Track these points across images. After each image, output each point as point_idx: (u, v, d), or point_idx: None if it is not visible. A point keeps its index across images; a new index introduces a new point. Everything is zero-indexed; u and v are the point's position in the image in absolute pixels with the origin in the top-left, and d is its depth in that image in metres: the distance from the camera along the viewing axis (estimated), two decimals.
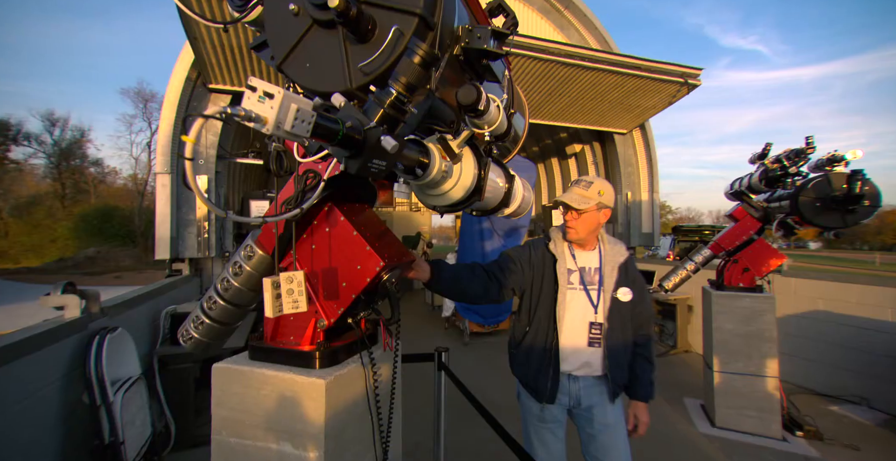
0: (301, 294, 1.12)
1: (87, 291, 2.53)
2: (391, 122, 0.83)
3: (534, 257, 1.81)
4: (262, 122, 0.68)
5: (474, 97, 0.91)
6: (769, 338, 2.96)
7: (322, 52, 0.86)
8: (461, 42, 0.96)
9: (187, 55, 4.38)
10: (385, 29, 0.80)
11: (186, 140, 0.68)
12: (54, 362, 2.11)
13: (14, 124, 24.46)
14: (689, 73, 5.02)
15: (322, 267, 1.29)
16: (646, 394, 1.77)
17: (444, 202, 1.14)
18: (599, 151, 7.10)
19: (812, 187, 2.46)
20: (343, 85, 0.84)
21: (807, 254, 23.84)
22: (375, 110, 0.81)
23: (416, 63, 0.80)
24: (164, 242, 4.28)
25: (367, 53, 0.82)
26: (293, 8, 0.85)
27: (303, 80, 0.90)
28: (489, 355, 5.44)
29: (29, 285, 13.98)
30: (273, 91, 0.67)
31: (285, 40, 0.89)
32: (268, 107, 0.67)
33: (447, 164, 1.06)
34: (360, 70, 0.82)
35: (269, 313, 1.07)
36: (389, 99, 0.80)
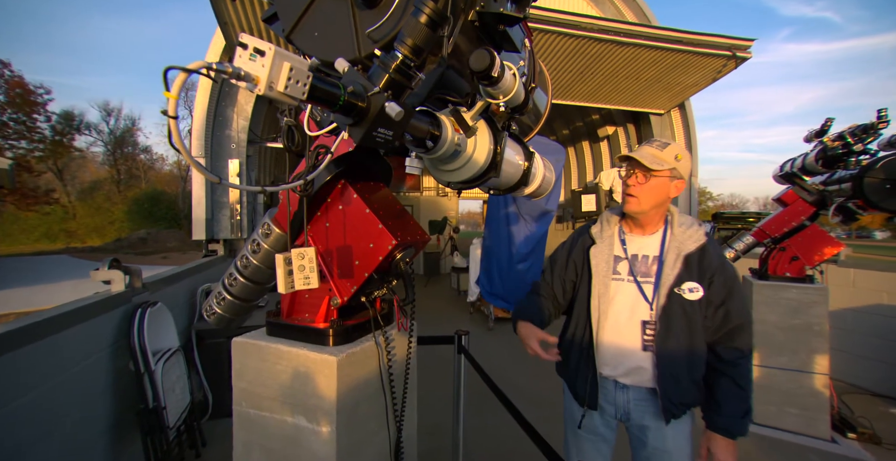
0: (312, 270, 1.11)
1: (131, 267, 2.69)
2: (397, 87, 0.78)
3: (574, 245, 1.60)
4: (254, 82, 0.64)
5: (487, 62, 0.83)
6: (819, 333, 2.73)
7: (330, 20, 0.83)
8: (476, 6, 0.89)
9: (219, 41, 4.47)
10: None
11: (168, 96, 0.62)
12: (104, 330, 2.29)
13: (77, 115, 26.27)
14: (739, 46, 4.60)
15: (336, 245, 1.28)
16: (728, 427, 1.31)
17: (458, 178, 1.09)
18: (634, 133, 6.74)
19: (882, 167, 2.18)
20: (352, 53, 0.81)
21: (871, 244, 21.88)
22: (380, 75, 0.77)
23: (422, 22, 0.75)
24: (199, 224, 4.49)
25: (377, 19, 0.78)
26: None
27: (312, 50, 0.88)
28: (513, 341, 5.34)
29: (92, 262, 15.21)
30: (264, 47, 0.63)
31: (294, 9, 0.87)
32: (259, 65, 0.63)
33: (460, 137, 1.01)
34: (369, 36, 0.78)
35: (282, 289, 1.07)
36: (395, 63, 0.76)
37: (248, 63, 0.63)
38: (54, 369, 1.85)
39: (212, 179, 0.70)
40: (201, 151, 4.53)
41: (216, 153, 4.72)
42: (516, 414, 1.53)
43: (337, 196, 1.30)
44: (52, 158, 24.16)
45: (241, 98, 4.90)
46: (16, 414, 1.60)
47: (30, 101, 21.61)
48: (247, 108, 4.92)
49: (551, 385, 3.93)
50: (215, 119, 4.75)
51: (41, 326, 1.80)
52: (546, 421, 3.18)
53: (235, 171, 4.75)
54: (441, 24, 0.76)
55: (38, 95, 22.06)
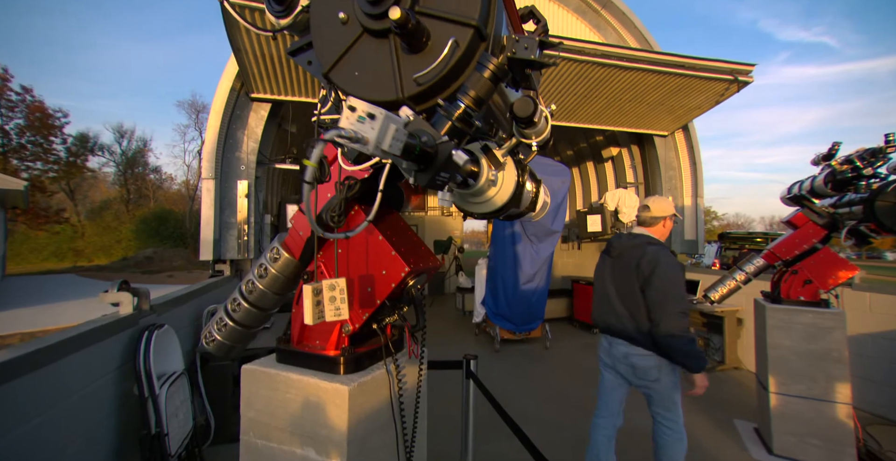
0: (343, 301, 1.12)
1: (139, 289, 2.70)
2: (458, 134, 0.84)
3: None
4: (364, 142, 0.70)
5: (531, 110, 0.91)
6: (838, 359, 2.64)
7: (372, 61, 0.86)
8: (507, 52, 0.95)
9: (232, 67, 4.62)
10: (439, 39, 0.80)
11: (308, 163, 0.73)
12: (111, 354, 2.27)
13: (91, 137, 27.11)
14: (740, 70, 4.69)
15: (348, 271, 1.28)
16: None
17: (484, 209, 1.12)
18: (638, 154, 6.80)
19: (893, 191, 2.18)
20: (394, 94, 0.84)
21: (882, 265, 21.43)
22: (443, 123, 0.83)
23: (485, 77, 0.82)
24: (207, 244, 4.52)
25: (419, 63, 0.81)
26: (342, 16, 0.85)
27: (351, 88, 0.90)
28: (520, 363, 5.31)
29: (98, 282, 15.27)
30: (375, 112, 0.70)
31: (333, 48, 0.90)
32: (368, 127, 0.70)
33: (493, 173, 1.05)
34: (415, 80, 0.81)
35: (309, 320, 1.07)
36: (458, 112, 0.83)
37: (356, 124, 0.71)
38: (61, 394, 1.83)
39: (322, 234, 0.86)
40: (211, 173, 4.61)
41: (226, 174, 4.80)
42: (525, 440, 1.49)
43: (350, 222, 1.31)
44: (66, 179, 24.71)
45: (251, 121, 5.03)
46: (20, 443, 1.57)
47: (48, 124, 22.32)
48: (257, 131, 5.03)
49: (558, 408, 3.85)
50: (226, 141, 4.85)
51: (48, 351, 1.78)
52: (554, 446, 3.11)
53: (244, 192, 4.82)
54: (502, 79, 0.83)
55: (56, 119, 22.78)
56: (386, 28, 0.80)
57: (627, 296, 2.30)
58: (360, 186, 1.15)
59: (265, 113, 5.04)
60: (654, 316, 2.13)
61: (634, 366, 2.25)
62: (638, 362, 2.23)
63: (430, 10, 0.79)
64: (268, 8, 1.04)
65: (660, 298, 2.12)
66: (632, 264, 2.27)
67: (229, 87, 4.70)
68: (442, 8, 0.78)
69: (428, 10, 0.79)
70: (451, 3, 0.79)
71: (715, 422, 3.45)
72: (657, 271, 2.16)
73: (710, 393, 2.24)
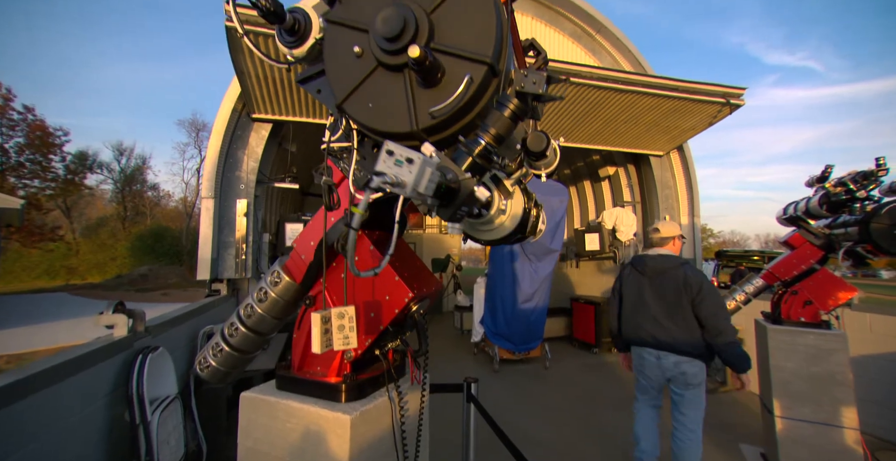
0: (352, 330, 1.11)
1: (135, 311, 2.66)
2: (478, 170, 0.87)
3: None
4: (402, 186, 0.73)
5: (544, 145, 0.96)
6: (842, 382, 2.61)
7: (386, 93, 0.88)
8: (516, 86, 0.99)
9: (234, 88, 4.70)
10: (453, 75, 0.82)
11: (357, 211, 0.75)
12: (103, 379, 2.21)
13: (91, 155, 27.18)
14: (732, 93, 4.83)
15: (351, 296, 1.28)
16: None
17: (496, 236, 1.14)
18: (634, 174, 6.89)
19: (887, 213, 2.22)
20: (408, 126, 0.86)
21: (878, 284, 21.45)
22: (464, 159, 0.86)
23: (506, 116, 0.85)
24: (205, 263, 4.48)
25: (433, 96, 0.84)
26: (357, 50, 0.87)
27: (364, 119, 0.91)
28: (520, 383, 5.22)
29: (89, 300, 15.03)
30: (413, 156, 0.74)
31: (347, 80, 0.91)
32: (406, 171, 0.73)
33: (503, 202, 1.07)
34: (430, 114, 0.83)
35: (317, 349, 1.05)
36: (478, 148, 0.85)
37: (393, 167, 0.74)
38: (47, 423, 1.77)
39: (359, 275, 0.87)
40: (211, 192, 4.62)
41: (225, 193, 4.81)
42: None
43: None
44: (63, 196, 24.65)
45: (252, 141, 5.08)
46: None
47: (48, 142, 22.45)
48: (257, 150, 5.08)
49: (559, 431, 3.77)
50: (226, 161, 4.89)
51: (39, 378, 1.73)
52: None
53: (243, 211, 4.82)
54: (522, 118, 0.86)
55: (56, 137, 22.93)
56: (402, 63, 0.82)
57: (675, 311, 2.56)
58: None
59: (266, 133, 5.09)
60: (716, 325, 2.43)
61: (685, 373, 2.53)
62: (688, 369, 2.52)
63: (445, 47, 0.81)
64: (279, 39, 1.06)
65: (717, 310, 2.45)
66: (678, 282, 2.56)
67: (231, 108, 4.77)
68: (457, 45, 0.81)
69: (443, 47, 0.82)
70: (465, 40, 0.81)
71: (720, 447, 3.38)
72: (705, 287, 2.50)
73: (714, 416, 2.24)
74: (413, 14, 0.80)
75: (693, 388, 2.54)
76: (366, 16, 0.87)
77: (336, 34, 0.91)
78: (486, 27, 0.80)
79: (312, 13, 1.05)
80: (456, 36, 0.82)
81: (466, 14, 0.81)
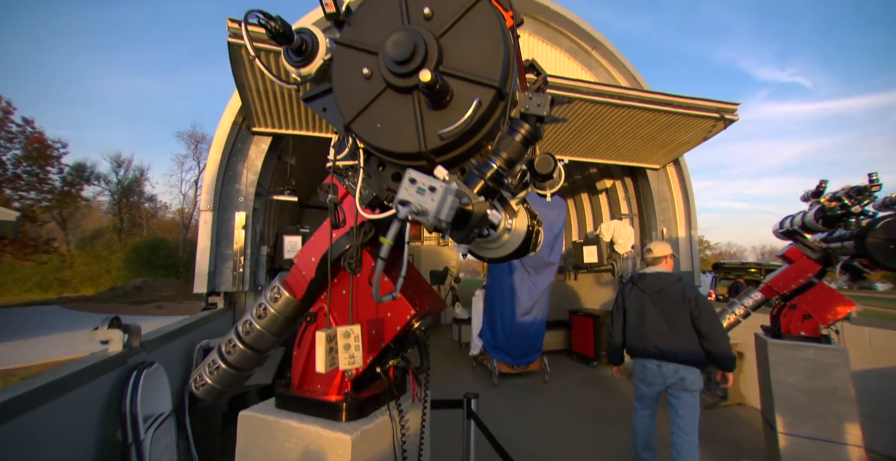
0: (358, 349, 1.10)
1: (130, 326, 2.62)
2: (490, 193, 0.89)
3: None
4: (424, 214, 0.76)
5: (552, 167, 0.98)
6: (844, 398, 2.58)
7: (394, 114, 0.89)
8: (521, 108, 1.01)
9: (235, 102, 4.75)
10: (461, 98, 0.83)
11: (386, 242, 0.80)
12: (96, 396, 2.17)
13: (89, 166, 27.14)
14: (726, 109, 4.91)
15: (354, 314, 1.27)
16: None
17: (500, 254, 1.14)
18: (632, 187, 6.95)
19: (882, 228, 2.24)
20: (416, 147, 0.87)
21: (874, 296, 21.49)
22: (476, 182, 0.88)
23: (517, 141, 0.88)
24: (202, 276, 4.45)
25: (441, 118, 0.85)
26: (366, 72, 0.89)
27: (372, 139, 0.92)
28: (519, 398, 5.15)
29: (82, 313, 14.84)
30: (436, 185, 0.77)
31: (355, 100, 0.92)
32: (428, 199, 0.77)
33: (509, 222, 1.08)
34: (439, 135, 0.84)
35: (321, 368, 1.04)
36: (490, 172, 0.88)
37: (416, 195, 0.78)
38: (40, 442, 1.73)
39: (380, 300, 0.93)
40: (210, 205, 4.62)
41: (223, 206, 4.81)
42: None
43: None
44: (58, 208, 24.53)
45: (251, 154, 5.10)
46: None
47: (46, 154, 22.44)
48: (257, 163, 5.10)
49: (557, 445, 3.71)
50: (226, 173, 4.90)
51: (30, 397, 1.69)
52: None
53: (241, 224, 4.81)
54: (533, 142, 0.90)
55: (54, 149, 22.95)
56: (411, 86, 0.83)
57: (676, 323, 2.86)
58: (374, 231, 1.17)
59: (265, 146, 5.12)
60: (713, 334, 2.75)
61: (684, 379, 2.80)
62: (687, 375, 2.80)
63: (454, 71, 0.83)
64: (286, 58, 1.08)
65: (714, 321, 2.77)
66: (677, 297, 2.88)
67: (231, 121, 4.81)
68: (465, 69, 0.83)
69: (452, 71, 0.83)
70: (473, 64, 0.83)
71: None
72: (701, 301, 2.83)
73: (716, 431, 2.23)
74: (423, 38, 0.82)
75: (690, 394, 2.82)
76: (375, 39, 0.89)
77: (345, 55, 0.93)
78: (493, 52, 0.82)
79: (319, 34, 1.07)
80: (464, 60, 0.83)
81: (474, 39, 0.83)
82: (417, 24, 0.86)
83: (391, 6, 0.88)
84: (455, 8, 0.84)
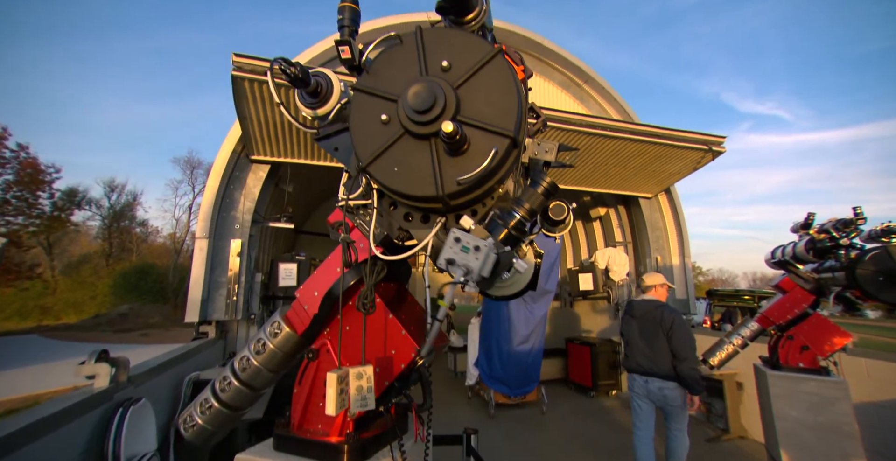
0: (370, 391, 1.08)
1: (118, 359, 2.54)
2: (513, 241, 0.94)
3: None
4: (468, 271, 0.81)
5: (565, 214, 1.05)
6: (848, 434, 2.52)
7: (412, 159, 0.92)
8: (530, 153, 1.06)
9: (235, 131, 4.83)
10: (477, 146, 0.87)
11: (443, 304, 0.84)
12: (79, 436, 2.07)
13: (81, 191, 27.03)
14: (713, 141, 5.10)
15: (355, 350, 1.25)
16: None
17: (509, 292, 1.16)
18: (625, 215, 7.07)
19: (870, 260, 2.30)
20: (434, 191, 0.89)
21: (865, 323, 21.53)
22: (499, 230, 0.93)
23: (539, 192, 0.94)
24: (194, 305, 4.36)
25: (457, 164, 0.89)
26: (384, 118, 0.92)
27: (389, 182, 0.94)
28: (517, 430, 5.00)
29: (63, 343, 14.29)
30: (481, 245, 0.83)
31: (372, 144, 0.94)
32: (472, 257, 0.82)
33: (521, 263, 1.10)
34: (457, 182, 0.87)
35: (332, 411, 1.02)
36: (513, 221, 0.93)
37: (460, 254, 0.84)
38: None
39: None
40: (206, 233, 4.59)
41: (219, 233, 4.79)
42: None
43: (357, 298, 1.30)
44: (46, 233, 24.15)
45: (249, 181, 5.14)
46: None
47: (38, 179, 22.37)
48: (254, 191, 5.13)
49: None
50: (223, 201, 4.91)
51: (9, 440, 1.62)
52: None
53: (237, 251, 4.78)
54: (553, 194, 0.96)
55: (47, 174, 22.92)
56: (430, 133, 0.87)
57: (656, 344, 3.29)
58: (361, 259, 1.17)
59: (264, 173, 5.17)
60: (681, 353, 3.13)
61: (666, 397, 3.24)
62: (669, 393, 3.23)
63: (472, 120, 0.87)
64: (301, 99, 1.12)
65: (684, 341, 3.16)
66: (657, 320, 3.32)
67: (231, 150, 4.87)
68: (482, 119, 0.87)
69: (470, 120, 0.87)
70: (489, 114, 0.87)
71: None
72: (676, 323, 3.24)
73: None
74: (442, 90, 0.86)
75: (676, 408, 3.26)
76: (393, 86, 0.93)
77: (363, 101, 0.96)
78: (508, 103, 0.87)
79: (334, 77, 1.13)
80: (480, 110, 0.88)
81: (490, 90, 0.88)
82: (435, 74, 0.91)
83: (409, 57, 0.93)
84: (472, 62, 0.89)
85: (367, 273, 1.09)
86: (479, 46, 0.90)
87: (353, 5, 0.97)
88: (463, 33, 0.93)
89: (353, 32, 0.96)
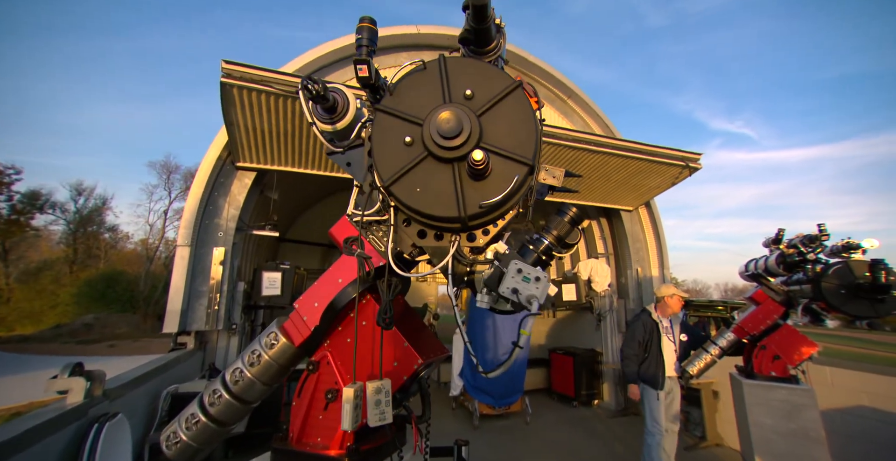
0: (388, 405, 1.10)
1: (94, 372, 2.44)
2: (542, 264, 1.05)
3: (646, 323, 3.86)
4: (531, 300, 0.89)
5: (578, 240, 1.14)
6: (817, 440, 2.65)
7: (435, 181, 0.95)
8: (539, 178, 1.14)
9: (221, 137, 4.76)
10: (497, 172, 0.92)
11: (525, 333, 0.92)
12: (48, 457, 1.95)
13: (44, 194, 25.64)
14: (690, 158, 5.34)
15: (357, 362, 1.26)
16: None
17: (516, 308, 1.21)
18: (607, 227, 7.26)
19: (833, 274, 2.46)
20: (457, 213, 0.93)
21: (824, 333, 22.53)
22: (531, 255, 1.05)
23: (566, 221, 1.07)
24: (173, 315, 4.22)
25: (478, 188, 0.93)
26: (408, 140, 0.96)
27: (410, 201, 0.96)
28: (502, 441, 4.99)
29: (15, 355, 13.43)
30: (540, 276, 0.92)
31: (395, 164, 0.97)
32: (533, 287, 0.91)
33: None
34: (479, 206, 0.91)
35: (347, 426, 1.03)
36: (542, 246, 1.06)
37: (521, 284, 0.92)
38: None
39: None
40: (188, 240, 4.48)
41: (202, 240, 4.68)
42: None
43: (360, 311, 1.31)
44: (1, 237, 22.79)
45: (234, 188, 5.05)
46: None
47: None
48: (239, 198, 5.04)
49: None
50: (206, 208, 4.81)
51: None
52: None
53: (219, 259, 4.67)
54: (578, 223, 1.08)
55: (5, 175, 21.78)
56: (454, 157, 0.91)
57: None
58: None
59: (249, 181, 5.09)
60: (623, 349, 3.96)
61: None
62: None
63: (496, 148, 0.92)
64: (316, 114, 1.15)
65: (625, 339, 3.95)
66: None
67: (216, 156, 4.79)
68: (504, 147, 0.92)
69: (494, 148, 0.92)
70: (509, 143, 0.93)
71: None
72: (628, 326, 4.06)
73: None
74: (468, 117, 0.91)
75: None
76: (415, 110, 0.97)
77: (386, 121, 1.00)
78: (527, 133, 0.93)
79: (350, 95, 1.16)
80: (500, 138, 0.93)
81: (510, 120, 0.94)
82: (457, 101, 0.95)
83: (433, 83, 0.98)
84: (494, 92, 0.95)
85: (384, 289, 1.11)
86: (501, 78, 0.96)
87: (371, 25, 1.01)
88: (485, 64, 0.99)
89: (371, 52, 1.00)
